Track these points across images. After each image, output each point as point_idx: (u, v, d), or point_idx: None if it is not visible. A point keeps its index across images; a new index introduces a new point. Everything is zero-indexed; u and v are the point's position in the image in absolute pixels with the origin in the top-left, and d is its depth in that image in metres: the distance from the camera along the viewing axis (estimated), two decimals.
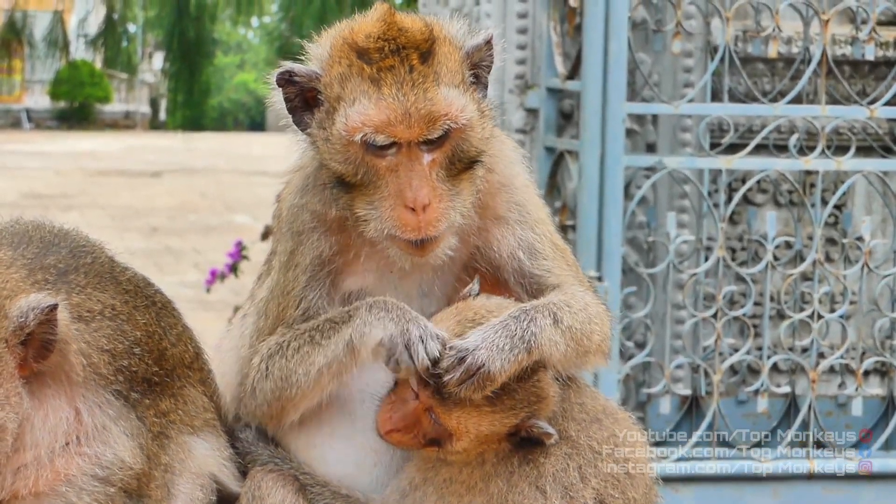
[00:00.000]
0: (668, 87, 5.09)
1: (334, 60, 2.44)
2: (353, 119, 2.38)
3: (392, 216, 2.40)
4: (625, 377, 4.95)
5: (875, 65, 5.18)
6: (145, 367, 2.49)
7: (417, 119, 2.38)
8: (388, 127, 2.37)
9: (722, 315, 4.89)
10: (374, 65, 2.40)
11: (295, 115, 2.50)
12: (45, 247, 2.50)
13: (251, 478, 2.58)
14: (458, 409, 2.38)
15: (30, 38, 29.59)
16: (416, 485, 2.50)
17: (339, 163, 2.43)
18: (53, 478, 2.38)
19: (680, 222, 5.02)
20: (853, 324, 5.13)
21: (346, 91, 2.41)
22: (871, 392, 5.18)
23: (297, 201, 2.59)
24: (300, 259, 2.55)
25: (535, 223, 2.59)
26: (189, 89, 31.67)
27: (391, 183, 2.40)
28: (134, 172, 21.81)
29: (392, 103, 2.37)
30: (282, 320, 2.57)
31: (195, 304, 9.20)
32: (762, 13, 5.02)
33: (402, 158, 2.40)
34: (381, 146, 2.39)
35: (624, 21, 4.67)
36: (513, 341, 2.38)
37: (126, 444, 2.42)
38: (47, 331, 2.33)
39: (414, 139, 2.39)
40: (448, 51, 2.45)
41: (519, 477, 2.47)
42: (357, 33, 2.45)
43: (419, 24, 2.46)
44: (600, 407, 2.57)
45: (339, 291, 2.56)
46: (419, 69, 2.40)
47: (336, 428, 2.56)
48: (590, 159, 4.70)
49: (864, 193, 5.24)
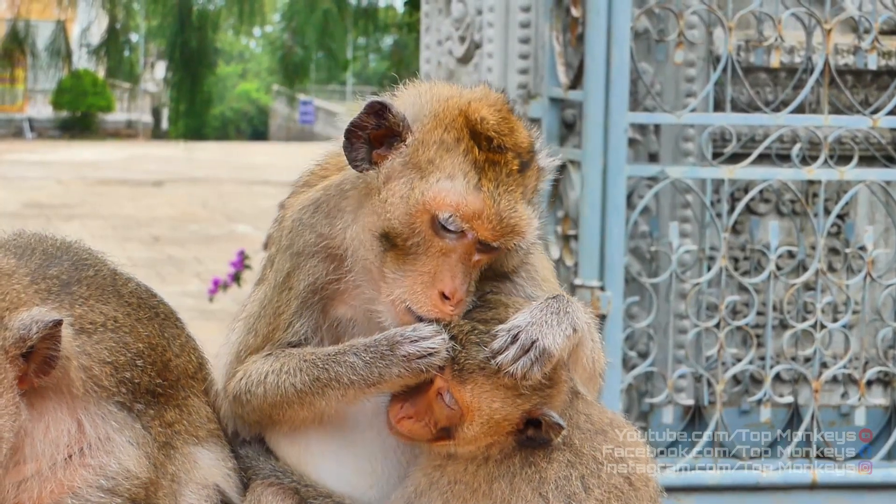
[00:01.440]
0: (670, 97, 5.09)
1: (440, 123, 2.39)
2: (448, 195, 2.34)
3: (421, 293, 2.36)
4: (627, 387, 4.95)
5: (877, 74, 5.18)
6: (149, 379, 2.49)
7: (503, 225, 2.35)
8: (476, 219, 2.34)
9: (725, 325, 4.90)
10: (484, 153, 2.36)
11: (351, 141, 2.42)
12: (47, 258, 2.50)
13: (252, 491, 2.57)
14: (472, 383, 2.37)
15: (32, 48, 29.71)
16: (422, 491, 2.50)
17: (398, 221, 2.38)
18: (58, 490, 2.37)
19: (682, 232, 5.03)
20: (856, 333, 5.13)
21: (444, 161, 2.36)
22: (874, 402, 5.17)
23: (305, 218, 2.54)
24: (295, 283, 2.51)
25: (542, 281, 2.59)
26: (191, 99, 31.78)
27: (436, 264, 2.37)
28: (136, 182, 21.84)
29: (489, 199, 2.34)
30: (269, 340, 2.55)
31: (197, 314, 9.20)
32: (764, 23, 5.04)
33: (459, 247, 2.36)
34: (452, 230, 2.35)
35: (626, 31, 4.68)
36: (559, 317, 2.36)
37: (131, 454, 2.42)
38: (50, 346, 2.32)
39: (488, 240, 2.36)
40: (535, 168, 2.45)
41: (521, 480, 2.46)
42: (475, 111, 2.39)
43: (525, 132, 2.44)
44: (607, 420, 2.58)
45: (328, 318, 2.53)
46: (516, 177, 2.38)
47: (327, 450, 2.55)
48: (592, 169, 4.71)
49: (867, 203, 5.24)
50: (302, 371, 2.46)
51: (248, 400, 2.53)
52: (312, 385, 2.44)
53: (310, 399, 2.45)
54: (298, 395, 2.45)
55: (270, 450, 2.61)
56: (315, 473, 2.55)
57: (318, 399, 2.45)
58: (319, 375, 2.43)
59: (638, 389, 5.13)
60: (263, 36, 45.00)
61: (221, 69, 42.46)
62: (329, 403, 2.45)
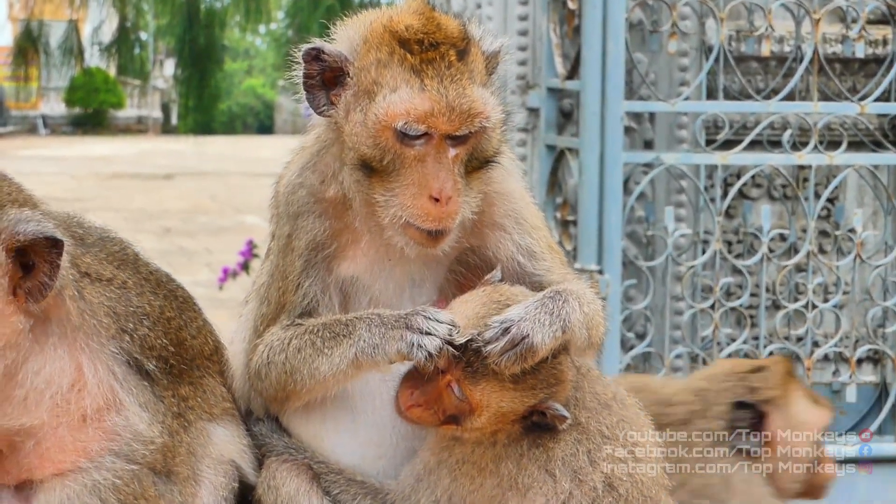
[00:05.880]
0: (664, 86, 5.17)
1: (371, 46, 2.45)
2: (396, 106, 2.40)
3: (414, 205, 2.42)
4: (626, 367, 5.02)
5: (865, 62, 5.26)
6: (161, 344, 2.48)
7: (458, 114, 2.40)
8: (430, 118, 2.39)
9: (719, 306, 4.99)
10: (417, 56, 2.42)
11: (310, 92, 2.50)
12: (77, 224, 2.52)
13: (266, 468, 2.60)
14: (484, 383, 2.40)
15: (45, 47, 29.74)
16: (431, 468, 2.54)
17: (367, 146, 2.44)
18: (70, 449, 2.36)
19: (678, 216, 5.11)
20: (846, 313, 5.22)
21: (385, 77, 2.42)
22: (865, 379, 5.26)
23: (295, 179, 2.60)
24: (296, 243, 2.56)
25: (531, 229, 2.64)
26: (199, 94, 31.79)
27: (416, 173, 2.42)
28: (147, 176, 21.94)
29: (435, 95, 2.39)
30: (283, 305, 2.58)
31: (208, 302, 9.27)
32: (755, 13, 5.12)
33: (430, 150, 2.42)
34: (414, 136, 2.41)
35: (621, 22, 4.77)
36: (552, 317, 2.40)
37: (143, 417, 2.40)
38: (48, 271, 2.26)
39: (450, 132, 2.41)
40: (476, 52, 2.50)
41: (529, 459, 2.49)
42: (397, 23, 2.46)
43: (454, 22, 2.49)
44: (611, 394, 2.61)
45: (334, 277, 2.57)
46: (456, 66, 2.43)
47: (340, 423, 2.59)
48: (590, 156, 4.80)
49: (856, 187, 5.32)
50: (325, 328, 2.50)
51: (268, 372, 2.56)
52: (334, 341, 2.48)
53: (329, 359, 2.48)
54: (320, 354, 2.49)
55: (283, 427, 2.65)
56: (327, 446, 2.60)
57: (336, 356, 2.48)
58: (340, 332, 2.48)
59: (636, 369, 5.18)
60: (269, 33, 44.95)
61: (228, 66, 42.41)
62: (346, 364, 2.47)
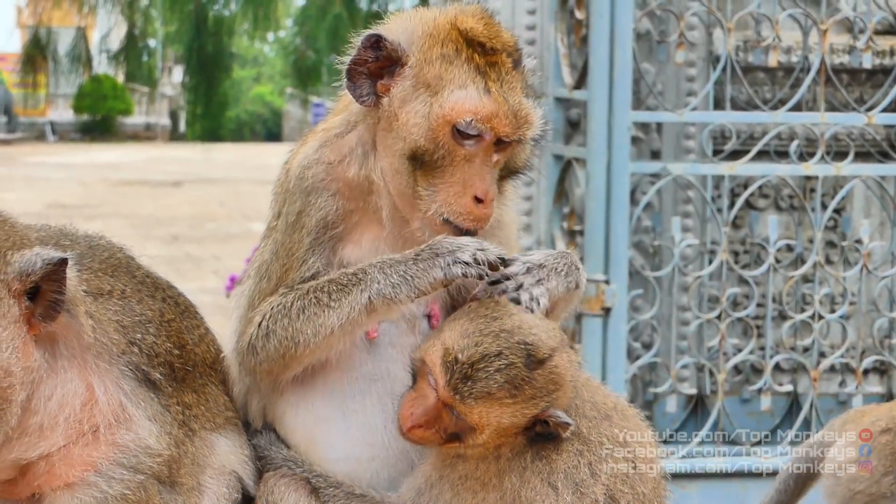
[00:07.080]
0: (671, 96, 5.19)
1: (437, 41, 2.49)
2: (464, 103, 2.44)
3: (457, 202, 2.47)
4: (632, 377, 5.04)
5: (872, 73, 5.28)
6: (165, 349, 2.47)
7: (517, 119, 2.47)
8: (493, 119, 2.45)
9: (726, 316, 4.99)
10: (483, 57, 2.48)
11: (355, 79, 2.52)
12: (64, 237, 2.51)
13: (264, 482, 2.57)
14: (480, 405, 2.40)
15: (54, 54, 29.94)
16: (433, 482, 2.52)
17: (424, 139, 2.47)
18: (81, 467, 2.34)
19: (684, 227, 5.12)
20: (853, 324, 5.22)
21: (450, 73, 2.47)
22: (871, 390, 5.25)
23: (312, 154, 2.60)
24: (307, 220, 2.56)
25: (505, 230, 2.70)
26: (207, 102, 31.97)
27: (462, 171, 2.47)
28: (155, 182, 22.00)
29: (500, 99, 2.46)
30: (284, 281, 2.56)
31: (215, 309, 9.32)
32: (762, 24, 5.14)
33: (479, 151, 2.47)
34: (470, 135, 2.46)
35: (629, 32, 4.78)
36: (568, 269, 2.53)
37: (151, 430, 2.38)
38: (56, 288, 2.27)
39: (506, 136, 2.48)
40: (523, 64, 2.56)
41: (531, 473, 2.48)
42: (462, 22, 2.50)
43: (507, 32, 2.55)
44: (611, 404, 2.60)
45: (337, 259, 2.58)
46: (513, 74, 2.50)
47: (331, 424, 2.58)
48: (597, 166, 4.80)
49: (863, 197, 5.33)
50: (331, 282, 2.50)
51: (265, 344, 2.52)
52: (342, 292, 2.47)
53: (337, 310, 2.46)
54: (327, 308, 2.46)
55: (282, 439, 2.63)
56: (320, 448, 2.58)
57: (346, 305, 2.46)
58: (349, 282, 2.47)
59: (642, 379, 5.22)
60: (277, 41, 45.12)
61: (236, 73, 42.59)
62: (358, 311, 2.45)
